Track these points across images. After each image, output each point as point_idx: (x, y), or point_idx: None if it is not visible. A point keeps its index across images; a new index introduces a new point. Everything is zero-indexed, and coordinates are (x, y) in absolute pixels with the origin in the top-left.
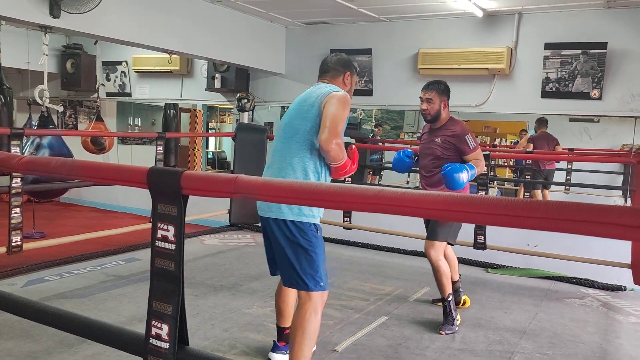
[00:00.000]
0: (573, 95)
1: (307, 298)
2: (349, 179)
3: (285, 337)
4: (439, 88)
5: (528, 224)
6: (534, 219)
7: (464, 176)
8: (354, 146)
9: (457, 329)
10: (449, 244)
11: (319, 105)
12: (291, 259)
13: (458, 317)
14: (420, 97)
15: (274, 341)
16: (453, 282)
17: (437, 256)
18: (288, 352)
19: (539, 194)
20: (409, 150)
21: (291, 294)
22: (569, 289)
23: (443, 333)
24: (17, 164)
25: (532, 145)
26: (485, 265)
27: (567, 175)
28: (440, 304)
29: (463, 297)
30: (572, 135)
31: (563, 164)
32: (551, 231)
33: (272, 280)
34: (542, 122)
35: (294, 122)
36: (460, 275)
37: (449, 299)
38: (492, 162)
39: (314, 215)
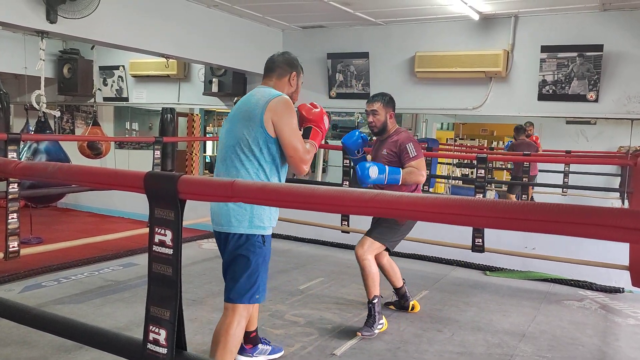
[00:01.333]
0: (569, 97)
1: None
2: (346, 183)
3: (250, 340)
4: (384, 99)
5: (525, 226)
6: (531, 221)
7: (373, 171)
8: (314, 108)
9: (377, 332)
10: (386, 249)
11: (261, 114)
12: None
13: (384, 321)
14: (365, 110)
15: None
16: (397, 288)
17: (363, 254)
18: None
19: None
20: (366, 136)
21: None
22: (567, 291)
23: (360, 334)
24: (14, 170)
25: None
26: (484, 268)
27: (564, 178)
28: (392, 307)
29: (412, 302)
30: (569, 138)
31: (559, 167)
32: (549, 234)
33: (271, 284)
34: (520, 130)
35: (237, 129)
36: (404, 280)
37: (374, 300)
38: (490, 164)
39: (265, 227)
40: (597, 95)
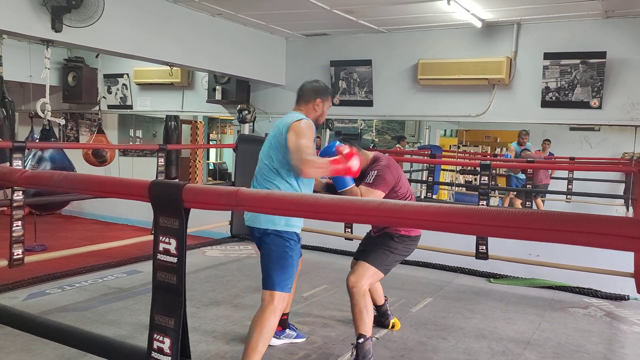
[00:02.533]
0: (573, 104)
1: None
2: None
3: (280, 323)
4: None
5: (530, 235)
6: (535, 230)
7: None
8: (347, 148)
9: None
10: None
11: (285, 134)
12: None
13: None
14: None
15: None
16: (379, 306)
17: (359, 281)
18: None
19: (540, 203)
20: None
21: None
22: (572, 299)
23: None
24: (20, 179)
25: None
26: (488, 276)
27: (568, 184)
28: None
29: (392, 320)
30: (573, 144)
31: (564, 174)
32: (553, 242)
33: None
34: (525, 133)
35: (267, 149)
36: (386, 297)
37: (360, 340)
38: (493, 171)
39: (295, 224)
40: (601, 102)
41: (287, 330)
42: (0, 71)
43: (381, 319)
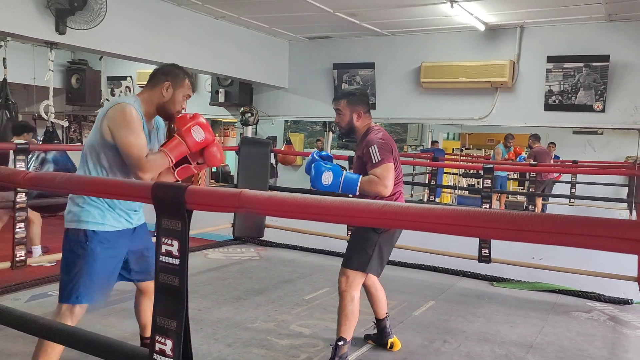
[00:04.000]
0: (576, 107)
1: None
2: None
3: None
4: (350, 98)
5: (533, 238)
6: (539, 233)
7: (326, 177)
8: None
9: None
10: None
11: (101, 121)
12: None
13: None
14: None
15: None
16: (379, 320)
17: (345, 286)
18: None
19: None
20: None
21: (148, 307)
22: (575, 303)
23: None
24: (23, 180)
25: (531, 160)
26: (490, 279)
27: (571, 188)
28: (371, 341)
29: (391, 340)
30: (576, 148)
31: (567, 177)
32: (557, 245)
33: (276, 294)
34: (537, 137)
35: (90, 135)
36: (387, 313)
37: (339, 342)
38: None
39: (100, 222)
40: (604, 105)
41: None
42: (4, 73)
43: (379, 337)
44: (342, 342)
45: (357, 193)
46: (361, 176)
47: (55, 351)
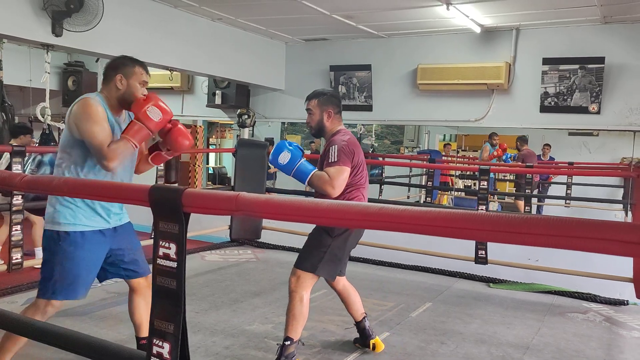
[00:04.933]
0: (572, 109)
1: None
2: None
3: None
4: (321, 98)
5: (529, 240)
6: (534, 235)
7: (284, 157)
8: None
9: None
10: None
11: (67, 119)
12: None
13: None
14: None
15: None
16: (357, 322)
17: (294, 286)
18: None
19: (521, 204)
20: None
21: (141, 305)
22: (571, 304)
23: None
24: (19, 183)
25: (520, 163)
26: (487, 280)
27: (567, 189)
28: (358, 344)
29: (372, 341)
30: (572, 149)
31: (562, 179)
32: (552, 247)
33: (274, 296)
34: (524, 139)
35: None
36: (365, 314)
37: (287, 342)
38: (492, 176)
39: (72, 222)
40: (599, 107)
41: None
42: (0, 75)
43: (362, 339)
44: (289, 342)
45: (306, 184)
46: (316, 170)
47: (15, 347)
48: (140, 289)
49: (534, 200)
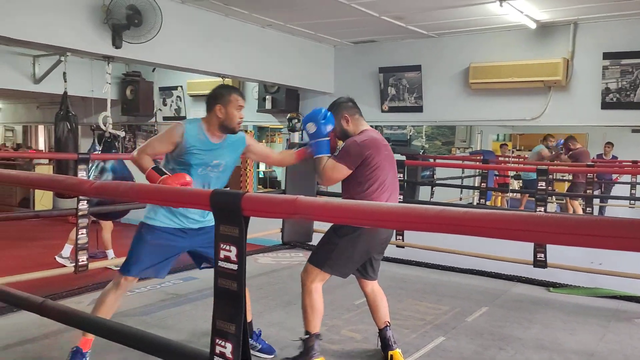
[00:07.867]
0: (636, 105)
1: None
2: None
3: None
4: (333, 109)
5: (595, 243)
6: (599, 237)
7: (311, 127)
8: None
9: None
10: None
11: None
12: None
13: None
14: None
15: None
16: (379, 330)
17: (303, 280)
18: None
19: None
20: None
21: None
22: (638, 309)
23: None
24: (89, 189)
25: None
26: (547, 284)
27: (631, 189)
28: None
29: (391, 352)
30: (635, 147)
31: (626, 178)
32: (618, 250)
33: (326, 299)
34: (573, 138)
35: None
36: (388, 323)
37: (306, 336)
38: (550, 176)
39: (152, 218)
40: None
41: (250, 341)
42: (64, 87)
43: (383, 348)
44: (307, 336)
45: (314, 158)
46: (324, 155)
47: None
48: None
49: (596, 201)
